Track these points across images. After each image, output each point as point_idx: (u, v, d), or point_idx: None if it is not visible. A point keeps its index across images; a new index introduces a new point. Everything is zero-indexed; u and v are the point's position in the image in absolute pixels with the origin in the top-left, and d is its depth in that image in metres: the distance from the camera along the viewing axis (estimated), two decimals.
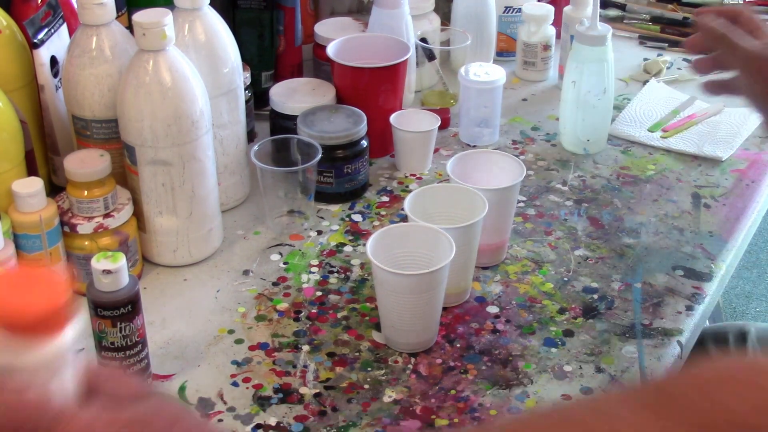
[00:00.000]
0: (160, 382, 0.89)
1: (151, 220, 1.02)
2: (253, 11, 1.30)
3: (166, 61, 0.96)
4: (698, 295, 1.01)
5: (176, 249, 1.03)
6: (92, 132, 1.02)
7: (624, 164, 1.25)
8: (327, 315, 0.98)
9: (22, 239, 0.93)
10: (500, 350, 0.94)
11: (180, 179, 1.00)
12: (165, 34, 0.95)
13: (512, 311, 0.99)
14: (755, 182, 1.21)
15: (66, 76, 1.02)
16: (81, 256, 0.97)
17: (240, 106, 1.12)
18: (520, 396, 0.88)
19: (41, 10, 1.04)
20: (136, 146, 0.98)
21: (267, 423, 0.85)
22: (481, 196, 0.97)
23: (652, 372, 0.91)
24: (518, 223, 1.12)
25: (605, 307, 0.99)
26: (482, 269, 1.04)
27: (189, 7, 1.05)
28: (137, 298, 0.84)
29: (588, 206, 1.16)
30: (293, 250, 1.08)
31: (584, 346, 0.94)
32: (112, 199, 0.97)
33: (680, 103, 1.37)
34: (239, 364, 0.92)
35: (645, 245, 1.09)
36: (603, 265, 1.06)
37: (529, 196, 1.18)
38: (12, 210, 0.93)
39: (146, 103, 0.96)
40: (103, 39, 0.99)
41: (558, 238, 1.10)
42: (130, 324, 0.84)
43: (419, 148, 1.21)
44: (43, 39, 1.03)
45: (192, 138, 0.98)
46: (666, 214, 1.15)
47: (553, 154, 1.27)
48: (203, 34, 1.05)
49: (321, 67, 1.34)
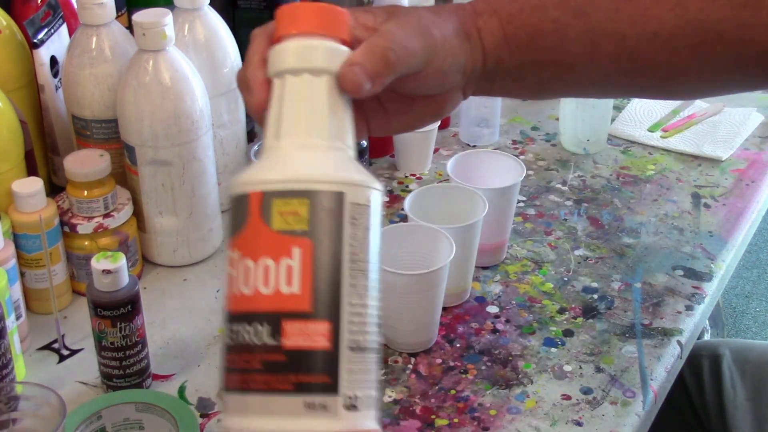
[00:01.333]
0: (160, 382, 0.89)
1: (151, 220, 1.02)
2: (253, 11, 1.30)
3: (166, 61, 0.96)
4: (698, 295, 1.01)
5: (176, 249, 1.03)
6: (92, 132, 1.02)
7: (624, 164, 1.25)
8: None
9: (22, 239, 0.93)
10: (500, 350, 0.94)
11: (180, 179, 1.00)
12: (165, 34, 0.95)
13: (512, 311, 0.99)
14: (755, 182, 1.21)
15: (66, 76, 1.02)
16: (81, 256, 0.97)
17: (240, 106, 1.12)
18: (520, 396, 0.88)
19: (41, 10, 1.04)
20: (136, 146, 0.98)
21: None
22: (481, 196, 0.97)
23: (652, 372, 0.91)
24: (518, 223, 1.12)
25: (605, 307, 0.99)
26: (482, 269, 1.04)
27: (189, 7, 1.05)
28: (137, 298, 0.84)
29: (588, 206, 1.16)
30: None
31: (584, 346, 0.94)
32: (112, 199, 0.97)
33: (680, 102, 1.37)
34: None
35: (645, 245, 1.09)
36: (603, 265, 1.06)
37: (529, 196, 1.18)
38: (12, 210, 0.93)
39: (146, 103, 0.96)
40: (103, 39, 0.99)
41: (558, 238, 1.10)
42: (130, 324, 0.84)
43: (419, 148, 1.21)
44: (43, 39, 1.03)
45: (192, 138, 0.98)
46: (666, 214, 1.15)
47: (553, 154, 1.27)
48: (203, 34, 1.05)
49: None
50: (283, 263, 0.52)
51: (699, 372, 1.12)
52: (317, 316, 0.52)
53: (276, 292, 0.52)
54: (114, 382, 0.86)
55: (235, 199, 0.55)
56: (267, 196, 0.53)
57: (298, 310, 0.52)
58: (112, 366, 0.86)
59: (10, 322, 0.85)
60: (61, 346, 0.93)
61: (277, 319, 0.52)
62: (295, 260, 0.52)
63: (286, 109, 0.57)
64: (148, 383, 0.88)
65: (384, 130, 0.69)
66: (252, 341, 0.52)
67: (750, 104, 1.38)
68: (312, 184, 0.53)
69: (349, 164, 0.56)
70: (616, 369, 0.91)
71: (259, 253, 0.53)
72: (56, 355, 0.93)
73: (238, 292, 0.53)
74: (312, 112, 0.57)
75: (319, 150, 0.56)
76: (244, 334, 0.52)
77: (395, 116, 0.68)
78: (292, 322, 0.52)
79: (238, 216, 0.54)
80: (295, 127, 0.57)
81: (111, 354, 0.85)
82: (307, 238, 0.52)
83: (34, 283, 0.95)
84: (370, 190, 0.56)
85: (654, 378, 0.90)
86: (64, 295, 0.98)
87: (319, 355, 0.52)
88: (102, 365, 0.86)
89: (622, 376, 0.90)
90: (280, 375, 0.52)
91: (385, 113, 0.67)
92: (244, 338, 0.52)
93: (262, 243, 0.53)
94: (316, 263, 0.53)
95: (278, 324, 0.52)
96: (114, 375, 0.86)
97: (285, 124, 0.57)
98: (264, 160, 0.57)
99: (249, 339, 0.52)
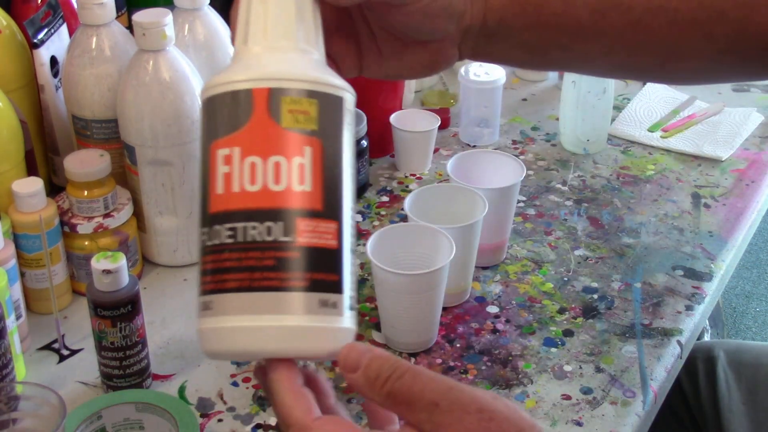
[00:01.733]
0: (160, 382, 0.89)
1: (151, 220, 1.02)
2: None
3: (166, 61, 0.96)
4: (698, 295, 1.01)
5: (176, 249, 1.03)
6: (92, 132, 1.02)
7: (624, 164, 1.25)
8: None
9: (22, 239, 0.93)
10: (500, 350, 0.94)
11: (180, 179, 1.00)
12: (165, 34, 0.95)
13: (512, 311, 0.99)
14: (755, 182, 1.21)
15: (66, 76, 1.02)
16: (81, 256, 0.97)
17: None
18: (520, 396, 0.88)
19: (41, 10, 1.04)
20: (136, 146, 0.98)
21: (267, 423, 0.85)
22: (481, 196, 0.97)
23: (652, 372, 0.91)
24: (518, 223, 1.12)
25: (605, 307, 0.99)
26: (482, 269, 1.04)
27: (189, 7, 1.05)
28: (137, 298, 0.84)
29: (588, 206, 1.16)
30: None
31: (584, 346, 0.94)
32: (112, 199, 0.97)
33: (680, 102, 1.37)
34: (239, 364, 0.92)
35: (645, 245, 1.09)
36: (603, 265, 1.06)
37: (529, 196, 1.18)
38: (12, 210, 0.93)
39: (146, 103, 0.96)
40: (103, 39, 1.00)
41: (558, 238, 1.10)
42: (130, 324, 0.84)
43: (419, 148, 1.21)
44: (43, 39, 1.03)
45: (192, 138, 0.98)
46: (666, 214, 1.15)
47: (553, 154, 1.27)
48: (203, 34, 1.05)
49: None
50: (295, 161, 0.52)
51: (694, 374, 1.12)
52: (327, 216, 0.53)
53: (288, 189, 0.52)
54: (114, 382, 0.86)
55: (226, 96, 0.54)
56: (275, 93, 0.53)
57: (311, 209, 0.52)
58: (112, 366, 0.86)
59: (10, 322, 0.85)
60: (61, 346, 0.93)
61: (291, 216, 0.52)
62: (307, 159, 0.53)
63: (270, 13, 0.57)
64: (148, 383, 0.88)
65: (376, 71, 0.69)
66: (263, 238, 0.52)
67: (750, 104, 1.38)
68: (320, 86, 0.54)
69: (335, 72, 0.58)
70: (616, 369, 0.91)
71: (269, 151, 0.52)
72: (56, 355, 0.93)
73: (240, 190, 0.52)
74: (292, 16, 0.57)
75: (309, 54, 0.57)
76: (252, 232, 0.52)
77: (388, 59, 0.68)
78: (305, 220, 0.52)
79: (233, 113, 0.53)
80: (280, 29, 0.56)
81: (111, 354, 0.85)
82: (316, 138, 0.53)
83: (34, 283, 0.95)
84: (354, 98, 0.57)
85: (654, 378, 0.90)
86: (64, 295, 0.98)
87: (330, 254, 0.53)
88: (102, 365, 0.86)
89: (622, 376, 0.90)
90: (295, 272, 0.52)
91: (378, 53, 0.68)
92: (252, 235, 0.52)
93: (271, 140, 0.52)
94: (325, 163, 0.53)
95: (292, 221, 0.52)
96: (114, 375, 0.86)
97: (267, 27, 0.56)
98: (244, 61, 0.56)
99: (259, 236, 0.52)
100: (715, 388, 1.10)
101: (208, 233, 0.53)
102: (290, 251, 0.52)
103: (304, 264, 0.52)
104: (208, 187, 0.54)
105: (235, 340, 0.52)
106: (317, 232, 0.52)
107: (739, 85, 1.44)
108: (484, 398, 0.52)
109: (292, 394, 0.52)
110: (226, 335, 0.52)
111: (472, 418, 0.51)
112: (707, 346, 1.15)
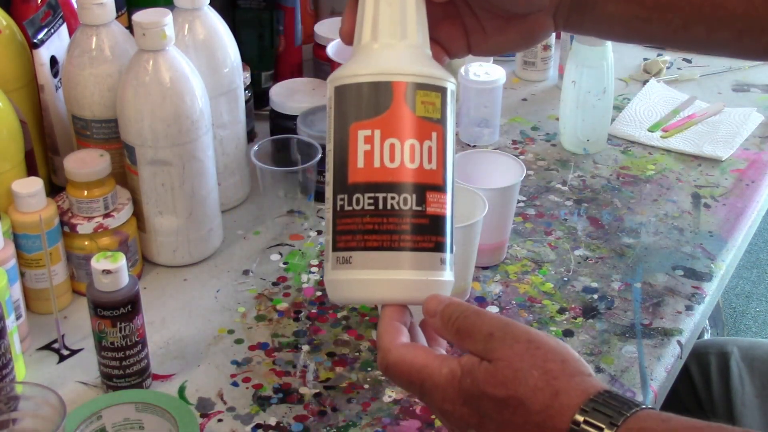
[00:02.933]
0: (160, 382, 0.89)
1: (151, 220, 1.02)
2: (253, 11, 1.30)
3: (165, 61, 0.96)
4: (698, 295, 1.01)
5: (176, 249, 1.03)
6: (92, 132, 1.02)
7: (624, 164, 1.25)
8: (327, 315, 0.98)
9: (21, 239, 0.93)
10: None
11: (180, 179, 1.00)
12: (165, 34, 0.95)
13: (512, 311, 0.99)
14: (755, 182, 1.21)
15: (66, 76, 1.02)
16: (81, 256, 0.97)
17: (240, 106, 1.12)
18: None
19: (41, 10, 1.04)
20: (136, 146, 0.98)
21: (267, 423, 0.85)
22: (481, 196, 0.97)
23: (652, 372, 0.91)
24: (518, 223, 1.12)
25: (605, 307, 0.99)
26: (482, 269, 1.04)
27: (189, 7, 1.05)
28: (137, 298, 0.84)
29: (588, 206, 1.16)
30: (293, 250, 1.08)
31: (584, 346, 0.94)
32: (112, 199, 0.97)
33: (680, 102, 1.37)
34: (239, 364, 0.92)
35: (645, 245, 1.09)
36: (603, 265, 1.06)
37: (529, 196, 1.18)
38: (12, 210, 0.93)
39: (146, 103, 0.96)
40: (103, 39, 0.99)
41: (558, 238, 1.10)
42: (130, 324, 0.84)
43: None
44: (43, 39, 1.03)
45: (192, 138, 0.98)
46: (666, 214, 1.15)
47: (553, 154, 1.27)
48: (203, 34, 1.05)
49: (321, 67, 1.34)
50: (426, 144, 0.64)
51: (706, 369, 1.13)
52: (443, 189, 0.65)
53: (420, 167, 0.64)
54: (114, 382, 0.86)
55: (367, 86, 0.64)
56: (411, 86, 0.64)
57: (435, 183, 0.65)
58: (112, 366, 0.86)
59: (10, 322, 0.85)
60: (61, 346, 0.93)
61: (422, 190, 0.64)
62: (434, 142, 0.65)
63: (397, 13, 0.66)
64: (148, 383, 0.88)
65: (482, 49, 0.75)
66: (400, 207, 0.64)
67: (750, 104, 1.38)
68: (442, 81, 0.66)
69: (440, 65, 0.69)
70: (616, 369, 0.91)
71: (406, 135, 0.64)
72: (56, 355, 0.93)
73: (380, 165, 0.63)
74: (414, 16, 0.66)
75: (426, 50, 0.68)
76: (391, 201, 0.64)
77: (492, 36, 0.74)
78: (432, 192, 0.65)
79: (374, 101, 0.64)
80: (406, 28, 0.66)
81: (111, 354, 0.85)
82: (439, 125, 0.65)
83: (34, 283, 0.95)
84: (455, 86, 0.68)
85: (654, 378, 0.90)
86: (64, 295, 0.98)
87: (446, 221, 0.66)
88: (102, 365, 0.86)
89: (622, 376, 0.90)
90: (426, 236, 0.64)
91: (483, 32, 0.74)
92: (391, 204, 0.64)
93: (408, 126, 0.64)
94: (444, 146, 0.66)
95: (423, 194, 0.64)
96: (114, 375, 0.86)
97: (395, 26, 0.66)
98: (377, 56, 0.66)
99: (397, 205, 0.64)
100: (728, 383, 1.11)
101: (346, 199, 0.64)
102: (422, 218, 0.64)
103: (431, 229, 0.65)
104: (347, 160, 0.64)
105: (374, 291, 0.64)
106: (439, 203, 0.65)
107: (739, 85, 1.44)
108: (536, 332, 0.61)
109: (388, 326, 0.64)
110: (366, 286, 0.64)
111: (521, 346, 0.60)
112: (720, 342, 1.17)
